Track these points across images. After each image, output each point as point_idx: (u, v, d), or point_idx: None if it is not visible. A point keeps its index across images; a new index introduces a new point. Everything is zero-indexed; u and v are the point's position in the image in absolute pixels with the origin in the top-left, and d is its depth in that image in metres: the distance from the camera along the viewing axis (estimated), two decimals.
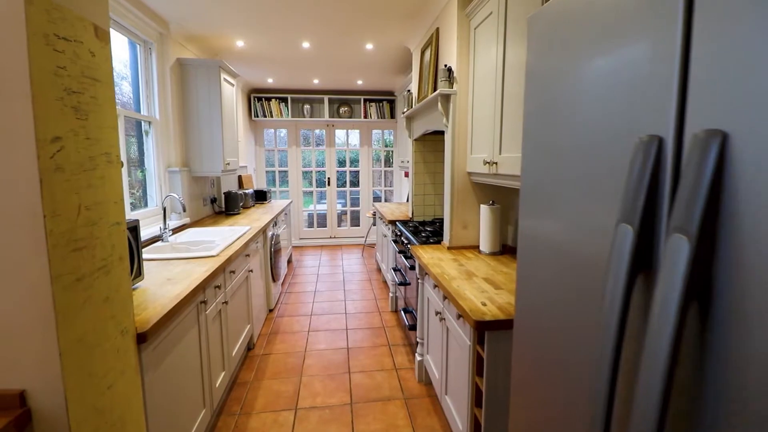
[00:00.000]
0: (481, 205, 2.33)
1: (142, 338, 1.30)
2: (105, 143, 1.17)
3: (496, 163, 1.94)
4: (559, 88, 0.82)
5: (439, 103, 2.39)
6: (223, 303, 2.23)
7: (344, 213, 6.82)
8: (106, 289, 1.15)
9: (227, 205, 4.01)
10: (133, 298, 1.36)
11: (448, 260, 2.19)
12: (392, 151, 6.71)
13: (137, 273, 1.71)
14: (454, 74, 2.37)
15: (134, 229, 1.69)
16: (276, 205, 4.86)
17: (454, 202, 2.43)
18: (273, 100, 5.97)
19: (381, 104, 6.21)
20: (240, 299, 2.65)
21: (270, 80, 5.39)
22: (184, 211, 2.50)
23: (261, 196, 5.05)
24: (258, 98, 5.94)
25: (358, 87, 5.89)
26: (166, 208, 2.59)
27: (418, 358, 2.56)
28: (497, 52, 1.93)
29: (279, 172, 6.48)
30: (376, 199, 6.87)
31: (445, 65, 2.40)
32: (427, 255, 2.31)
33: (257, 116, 5.96)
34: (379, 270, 5.13)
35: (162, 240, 2.59)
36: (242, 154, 5.39)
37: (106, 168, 1.17)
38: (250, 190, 4.69)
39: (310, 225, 6.75)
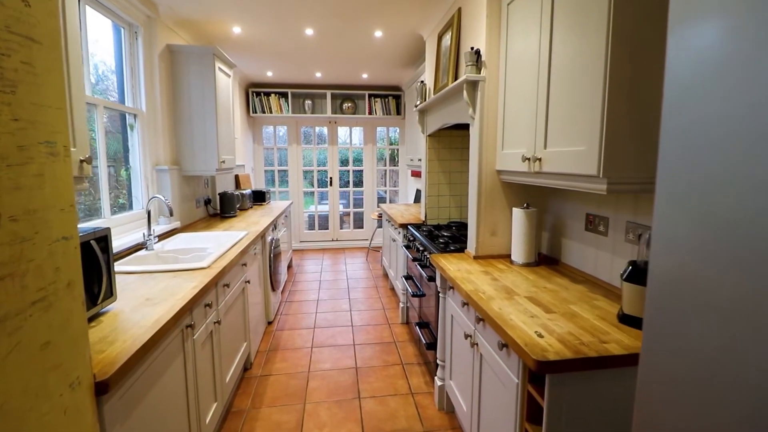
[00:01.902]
0: (514, 209, 2.02)
1: (102, 388, 0.99)
2: (45, 128, 0.85)
3: (539, 160, 1.63)
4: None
5: (465, 92, 2.08)
6: (215, 323, 1.91)
7: (347, 214, 6.50)
8: (46, 330, 0.83)
9: (223, 207, 3.69)
10: (91, 334, 1.05)
11: (477, 273, 1.88)
12: (398, 150, 6.40)
13: (107, 293, 1.40)
14: (483, 58, 2.05)
15: (103, 239, 1.37)
16: (275, 206, 4.54)
17: (481, 204, 2.12)
18: (272, 95, 5.65)
19: (386, 100, 5.89)
20: (235, 315, 2.33)
21: (269, 73, 5.07)
22: (171, 215, 2.18)
23: (259, 197, 4.74)
24: (256, 93, 5.62)
25: (362, 81, 5.57)
26: (150, 212, 2.27)
27: (438, 382, 2.25)
28: (541, 28, 1.62)
29: (279, 171, 6.16)
30: (380, 199, 6.56)
31: (472, 48, 2.09)
32: (452, 266, 2.00)
33: (255, 112, 5.64)
34: (385, 276, 4.82)
35: (146, 248, 2.27)
36: (239, 153, 5.07)
37: (47, 162, 0.85)
38: (248, 191, 4.37)
39: (311, 227, 6.43)
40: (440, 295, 2.17)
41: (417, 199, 5.47)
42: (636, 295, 1.25)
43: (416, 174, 5.69)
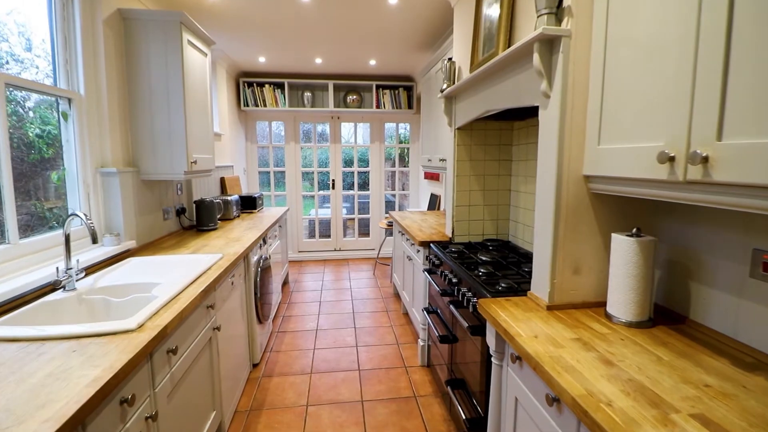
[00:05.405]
0: (614, 235, 1.31)
1: None
2: None
3: (705, 160, 0.91)
4: None
5: (536, 55, 1.36)
6: (147, 419, 1.21)
7: (351, 220, 5.79)
8: None
9: (199, 218, 2.99)
10: None
11: (569, 344, 1.16)
12: (408, 149, 5.68)
13: None
14: (566, 2, 1.34)
15: None
16: (268, 214, 3.83)
17: (559, 227, 1.40)
18: (267, 85, 4.95)
19: (396, 91, 5.17)
20: (194, 384, 1.63)
21: (261, 59, 4.37)
22: (94, 242, 1.48)
23: (249, 204, 4.03)
24: (248, 83, 4.92)
25: (369, 70, 4.86)
26: (69, 236, 1.57)
27: None
28: None
29: (275, 172, 5.45)
30: (389, 204, 5.85)
31: None
32: (521, 329, 1.28)
33: (247, 105, 4.94)
34: (397, 296, 4.10)
35: (64, 288, 1.56)
36: (227, 151, 4.37)
37: None
38: (234, 197, 3.67)
39: (312, 235, 5.72)
40: (493, 360, 1.46)
41: (432, 206, 4.75)
42: None
43: (431, 176, 4.98)
